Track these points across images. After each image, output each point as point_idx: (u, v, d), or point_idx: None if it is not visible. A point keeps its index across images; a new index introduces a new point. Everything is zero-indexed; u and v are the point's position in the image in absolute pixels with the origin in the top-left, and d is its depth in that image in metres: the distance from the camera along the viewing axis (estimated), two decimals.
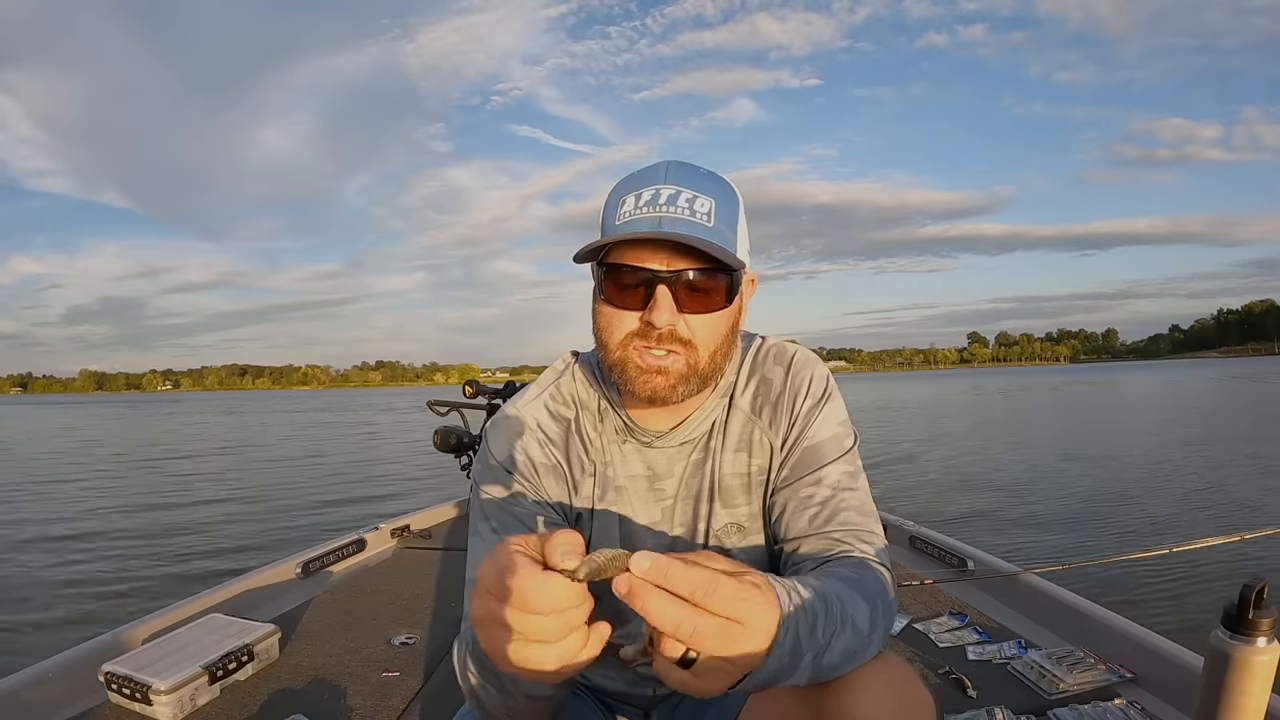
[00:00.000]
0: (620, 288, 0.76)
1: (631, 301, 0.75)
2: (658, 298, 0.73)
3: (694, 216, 0.74)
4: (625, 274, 0.75)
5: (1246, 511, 6.22)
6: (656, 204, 0.75)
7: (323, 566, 2.72)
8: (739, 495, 0.87)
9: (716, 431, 0.88)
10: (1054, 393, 34.62)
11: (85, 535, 6.79)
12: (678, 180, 0.76)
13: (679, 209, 0.74)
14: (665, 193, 0.75)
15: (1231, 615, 1.07)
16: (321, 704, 1.75)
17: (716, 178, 0.79)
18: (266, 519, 7.39)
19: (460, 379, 3.40)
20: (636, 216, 0.74)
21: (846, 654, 0.59)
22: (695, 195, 0.75)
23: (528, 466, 0.85)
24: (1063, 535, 5.72)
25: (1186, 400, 24.46)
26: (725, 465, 0.87)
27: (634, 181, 0.78)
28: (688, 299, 0.75)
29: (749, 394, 0.88)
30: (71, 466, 13.75)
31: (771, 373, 0.89)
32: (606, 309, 0.78)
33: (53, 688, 1.70)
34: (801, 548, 0.80)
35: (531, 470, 0.85)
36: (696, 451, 0.87)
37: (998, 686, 1.72)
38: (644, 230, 0.73)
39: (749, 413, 0.88)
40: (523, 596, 0.45)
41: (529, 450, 0.85)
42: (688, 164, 0.79)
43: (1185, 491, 7.34)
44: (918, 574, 2.49)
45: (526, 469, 0.84)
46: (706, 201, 0.75)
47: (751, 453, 0.87)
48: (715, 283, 0.75)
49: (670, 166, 0.79)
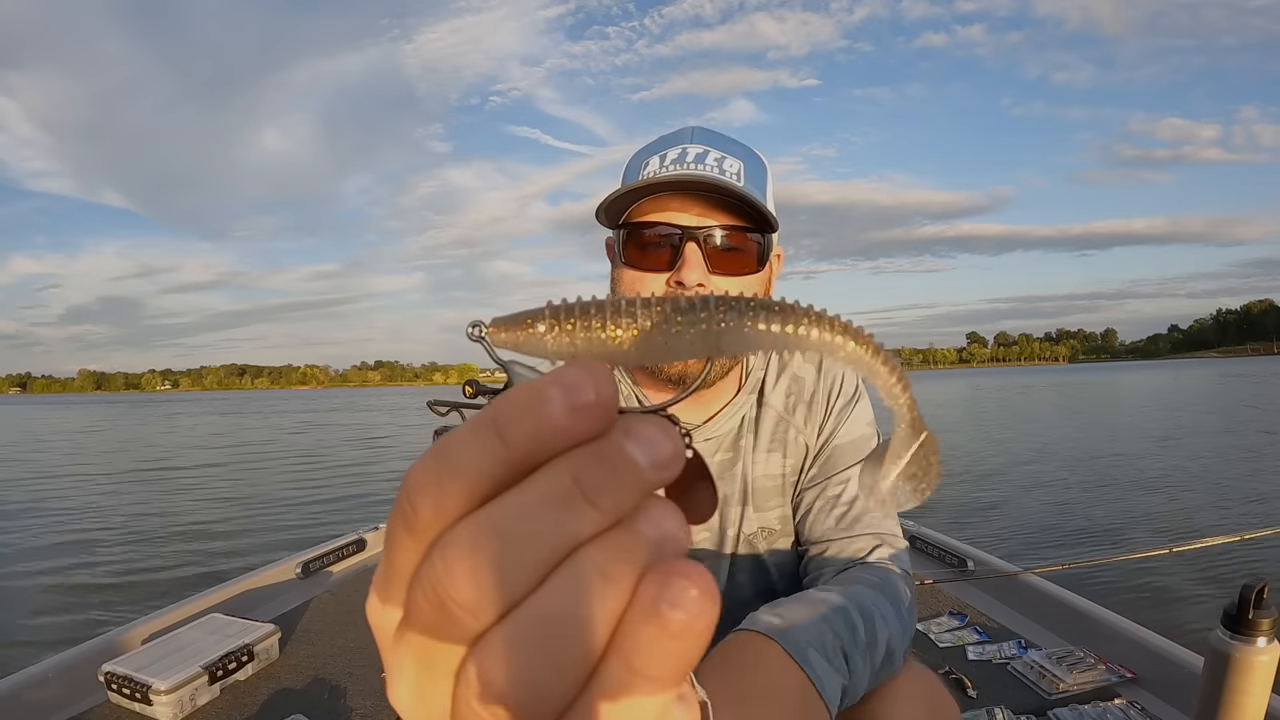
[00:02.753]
0: (644, 248, 0.71)
1: (657, 262, 0.70)
2: (687, 255, 0.69)
3: (723, 175, 0.70)
4: (650, 231, 0.70)
5: (1246, 511, 6.22)
6: (684, 162, 0.70)
7: (323, 566, 2.72)
8: (773, 498, 0.83)
9: (746, 430, 0.83)
10: (1053, 393, 34.65)
11: (85, 535, 6.78)
12: (705, 141, 0.73)
13: (708, 167, 0.70)
14: (693, 151, 0.72)
15: (1231, 615, 1.07)
16: (321, 704, 1.75)
17: (744, 144, 0.76)
18: (266, 519, 7.38)
19: (459, 379, 3.38)
20: (662, 175, 0.70)
21: (878, 672, 0.59)
22: (724, 156, 0.72)
23: None
24: (1063, 535, 5.71)
25: (1186, 400, 24.46)
26: (758, 466, 0.82)
27: (659, 144, 0.75)
28: (718, 258, 0.70)
29: (781, 391, 0.84)
30: (71, 466, 13.74)
31: (803, 370, 0.85)
32: (629, 274, 0.72)
33: (53, 688, 1.70)
34: (828, 550, 0.77)
35: None
36: (724, 451, 0.83)
37: (998, 686, 1.72)
38: (671, 177, 0.68)
39: (783, 411, 0.83)
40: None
41: None
42: (713, 129, 0.76)
43: (1185, 491, 7.33)
44: (918, 574, 2.49)
45: None
46: (735, 163, 0.72)
47: (786, 453, 0.83)
48: (747, 243, 0.71)
49: (696, 130, 0.75)
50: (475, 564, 0.15)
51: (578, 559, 0.15)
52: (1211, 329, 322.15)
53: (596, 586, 0.15)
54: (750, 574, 0.84)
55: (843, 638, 0.56)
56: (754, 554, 0.83)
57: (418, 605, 0.16)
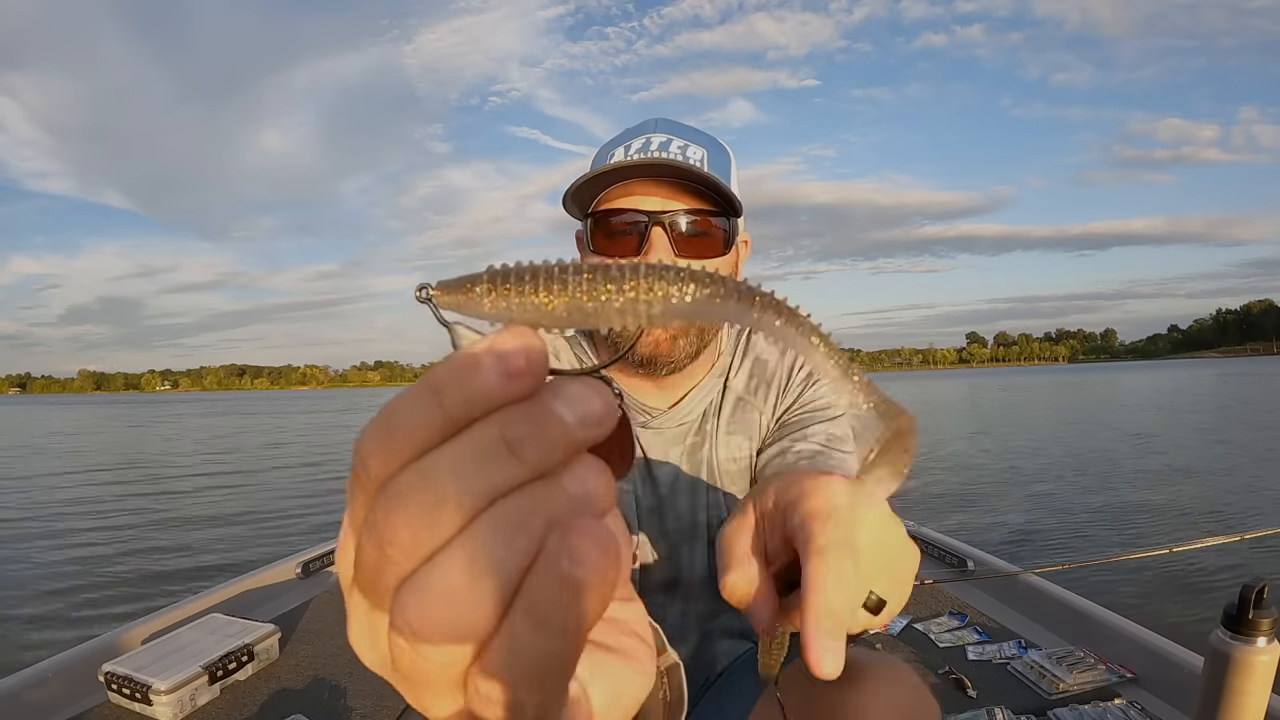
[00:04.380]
0: (610, 235, 0.72)
1: (624, 248, 0.72)
2: (653, 240, 0.70)
3: (687, 161, 0.71)
4: (616, 219, 0.72)
5: (1246, 511, 6.22)
6: (648, 150, 0.72)
7: (323, 566, 2.72)
8: (740, 480, 0.84)
9: (711, 414, 0.84)
10: (1053, 393, 34.66)
11: (86, 535, 6.78)
12: (668, 130, 0.75)
13: (671, 154, 0.72)
14: (656, 140, 0.73)
15: (1231, 615, 1.07)
16: (321, 704, 1.75)
17: (706, 133, 0.78)
18: (266, 519, 7.38)
19: None
20: (627, 162, 0.72)
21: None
22: (687, 144, 0.74)
23: None
24: (1063, 535, 5.71)
25: (1186, 400, 24.46)
26: (721, 450, 0.84)
27: (624, 135, 0.77)
28: (684, 242, 0.72)
29: (743, 375, 0.86)
30: (72, 466, 13.74)
31: (766, 353, 0.86)
32: (596, 260, 0.74)
33: (53, 688, 1.70)
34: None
35: None
36: (692, 435, 0.84)
37: (998, 686, 1.73)
38: (634, 162, 0.70)
39: (744, 393, 0.85)
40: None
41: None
42: (676, 120, 0.78)
43: (1185, 491, 7.33)
44: (918, 574, 2.49)
45: None
46: (698, 150, 0.74)
47: (749, 434, 0.84)
48: (712, 227, 0.73)
49: (660, 121, 0.77)
50: (408, 510, 0.17)
51: (497, 508, 0.17)
52: (1211, 329, 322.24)
53: (508, 535, 0.17)
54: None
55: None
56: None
57: (363, 549, 0.17)
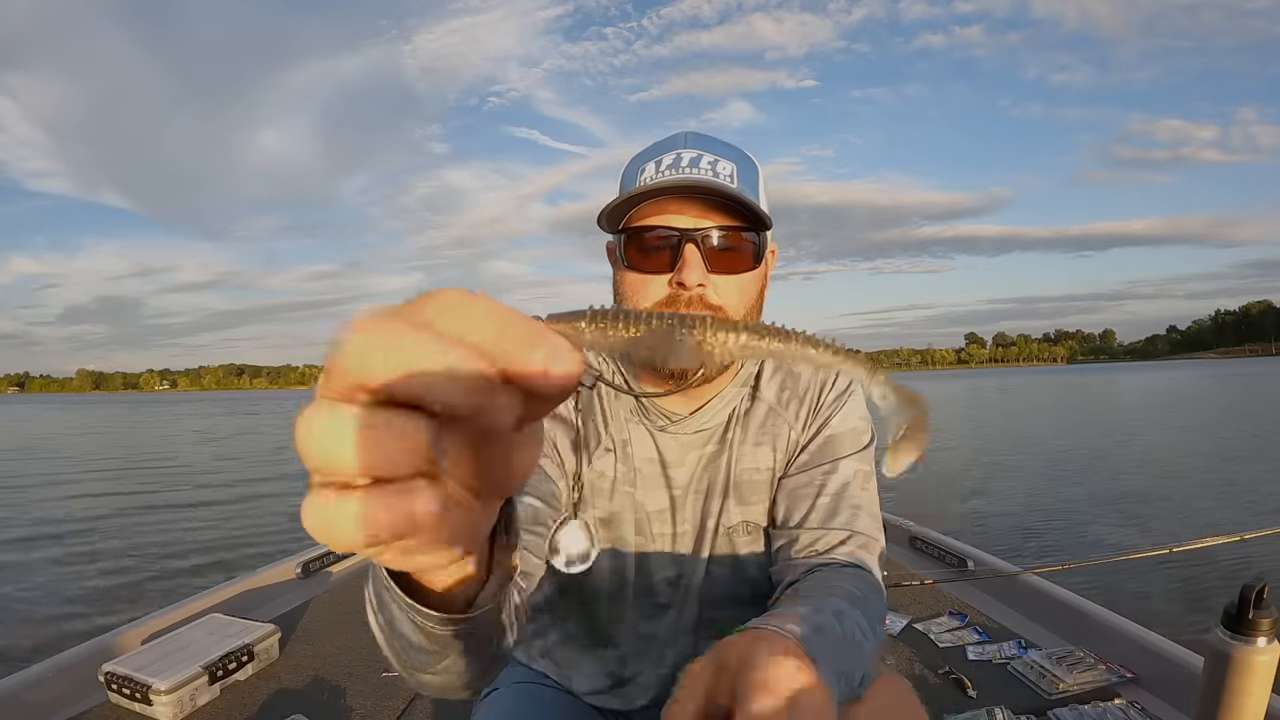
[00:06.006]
0: (645, 251, 0.74)
1: (658, 264, 0.73)
2: (686, 256, 0.71)
3: (717, 178, 0.73)
4: (650, 235, 0.73)
5: (1246, 511, 6.22)
6: (679, 167, 0.74)
7: (323, 566, 2.72)
8: (759, 491, 0.83)
9: (735, 423, 0.83)
10: (1052, 393, 34.66)
11: (85, 535, 6.78)
12: (698, 145, 0.76)
13: (702, 170, 0.73)
14: (687, 155, 0.75)
15: (1231, 615, 1.07)
16: (321, 704, 1.75)
17: (736, 147, 0.78)
18: (266, 519, 7.38)
19: None
20: (659, 180, 0.73)
21: (856, 680, 0.58)
22: (717, 159, 0.75)
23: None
24: (1063, 535, 5.72)
25: (1185, 401, 24.48)
26: (744, 459, 0.83)
27: (654, 150, 0.78)
28: (716, 258, 0.73)
29: (775, 385, 0.85)
30: (72, 466, 13.73)
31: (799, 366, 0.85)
32: (631, 276, 0.75)
33: (53, 688, 1.70)
34: (801, 537, 0.77)
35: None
36: (711, 443, 0.83)
37: (998, 686, 1.73)
38: (669, 182, 0.71)
39: (775, 404, 0.84)
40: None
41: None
42: (705, 134, 0.79)
43: (1185, 491, 7.34)
44: (918, 574, 2.49)
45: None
46: (728, 165, 0.75)
47: (776, 447, 0.84)
48: (743, 242, 0.74)
49: (690, 135, 0.78)
50: (366, 338, 0.21)
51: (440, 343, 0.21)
52: (1210, 330, 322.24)
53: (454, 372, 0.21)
54: (730, 568, 0.84)
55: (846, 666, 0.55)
56: (733, 548, 0.84)
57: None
